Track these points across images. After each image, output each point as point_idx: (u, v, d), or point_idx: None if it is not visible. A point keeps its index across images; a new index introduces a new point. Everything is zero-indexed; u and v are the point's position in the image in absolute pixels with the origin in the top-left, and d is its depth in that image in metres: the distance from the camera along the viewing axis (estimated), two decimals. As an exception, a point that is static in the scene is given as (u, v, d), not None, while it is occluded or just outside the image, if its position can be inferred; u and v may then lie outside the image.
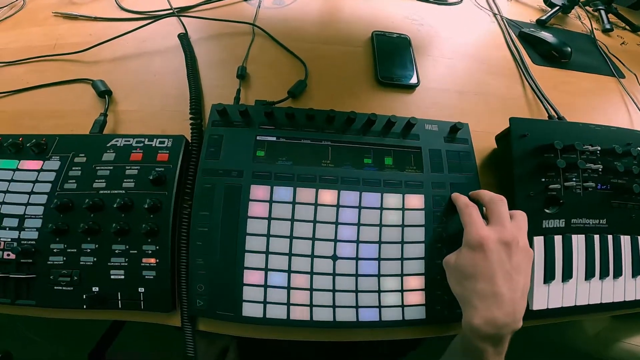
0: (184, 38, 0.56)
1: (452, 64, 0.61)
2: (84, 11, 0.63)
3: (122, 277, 0.37)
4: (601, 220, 0.45)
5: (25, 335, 0.84)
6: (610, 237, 0.45)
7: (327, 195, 0.40)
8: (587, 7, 0.83)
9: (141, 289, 0.37)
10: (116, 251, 0.37)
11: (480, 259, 0.33)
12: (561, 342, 0.75)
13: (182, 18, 0.60)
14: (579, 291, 0.43)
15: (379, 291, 0.39)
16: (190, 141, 0.44)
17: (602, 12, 0.80)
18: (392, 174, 0.42)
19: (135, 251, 0.37)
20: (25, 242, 0.37)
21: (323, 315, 0.37)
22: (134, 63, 0.55)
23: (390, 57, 0.57)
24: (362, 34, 0.62)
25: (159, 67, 0.54)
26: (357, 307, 0.38)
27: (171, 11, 0.61)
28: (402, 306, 0.38)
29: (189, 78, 0.50)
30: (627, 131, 0.49)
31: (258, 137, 0.43)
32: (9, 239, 0.37)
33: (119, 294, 0.37)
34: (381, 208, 0.41)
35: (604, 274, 0.44)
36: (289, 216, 0.39)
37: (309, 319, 0.37)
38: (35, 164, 0.40)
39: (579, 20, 0.79)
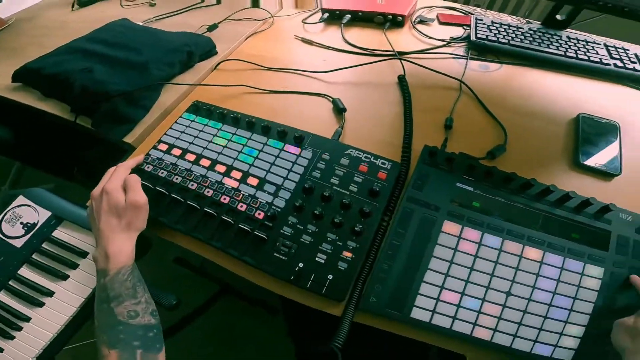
0: (403, 80, 0.66)
1: None
2: (316, 39, 0.80)
3: (323, 261, 0.44)
4: None
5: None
6: None
7: (513, 247, 0.46)
8: None
9: (330, 276, 0.43)
10: (329, 239, 0.45)
11: None
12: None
13: (403, 62, 0.71)
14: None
15: (540, 329, 0.42)
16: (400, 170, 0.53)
17: None
18: (576, 245, 0.46)
19: (341, 244, 0.45)
20: (275, 208, 0.48)
21: (482, 334, 0.42)
22: (361, 92, 0.67)
23: (595, 140, 0.58)
24: (565, 114, 0.63)
25: (380, 99, 0.65)
26: (514, 335, 0.42)
27: (393, 53, 0.73)
28: (556, 346, 0.42)
29: (405, 115, 0.60)
30: None
31: (458, 184, 0.50)
32: (264, 201, 0.48)
33: (312, 275, 0.43)
34: (561, 268, 0.44)
35: None
36: (473, 252, 0.45)
37: (468, 333, 0.42)
38: (295, 150, 0.53)
39: None
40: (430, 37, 0.79)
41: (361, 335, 0.44)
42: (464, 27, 0.83)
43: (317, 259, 0.44)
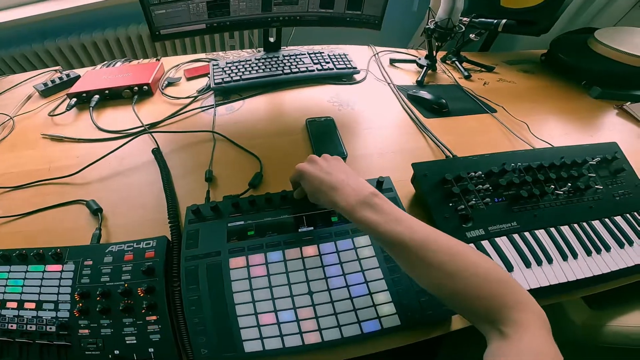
0: (157, 152, 0.65)
1: (369, 132, 0.73)
2: (68, 132, 0.71)
3: (135, 341, 0.44)
4: (512, 223, 0.55)
5: None
6: (527, 234, 0.54)
7: (293, 253, 0.49)
8: (446, 62, 0.99)
9: (151, 349, 0.44)
10: (126, 323, 0.45)
11: (308, 180, 0.46)
12: (556, 337, 0.81)
13: (153, 134, 0.69)
14: (527, 277, 0.50)
15: (355, 309, 0.45)
16: (171, 239, 0.52)
17: (457, 63, 0.97)
18: (339, 227, 0.52)
19: (141, 322, 0.45)
20: (61, 319, 0.46)
21: (312, 338, 0.43)
22: (117, 180, 0.62)
23: (322, 137, 0.68)
24: (299, 122, 0.73)
25: (139, 181, 0.62)
26: (339, 326, 0.44)
27: (143, 128, 0.71)
28: (379, 317, 0.45)
29: (165, 189, 0.59)
30: (498, 154, 0.63)
31: (229, 225, 0.52)
32: (50, 317, 0.47)
33: (134, 354, 0.44)
34: (337, 252, 0.50)
35: (538, 262, 0.51)
36: (264, 273, 0.48)
37: (301, 343, 0.43)
38: (57, 267, 0.50)
39: (446, 74, 0.95)
40: (178, 98, 0.81)
41: None
42: (208, 76, 0.86)
43: (127, 342, 0.44)
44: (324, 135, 0.69)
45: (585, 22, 1.16)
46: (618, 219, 0.58)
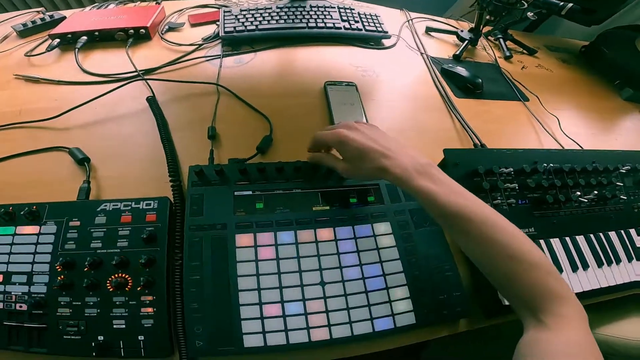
0: (152, 102, 0.57)
1: (393, 105, 0.67)
2: (45, 74, 0.62)
3: (123, 326, 0.38)
4: (530, 229, 0.51)
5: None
6: (542, 241, 0.51)
7: (306, 235, 0.44)
8: (489, 38, 0.92)
9: (141, 337, 0.38)
10: (117, 303, 0.39)
11: (352, 146, 0.40)
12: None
13: (148, 81, 0.60)
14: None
15: (369, 305, 0.41)
16: (173, 201, 0.45)
17: (501, 40, 0.89)
18: (358, 210, 0.47)
19: (134, 302, 0.39)
20: (36, 295, 0.39)
21: (320, 335, 0.39)
22: (106, 128, 0.55)
23: (342, 104, 0.62)
24: (316, 84, 0.66)
25: (132, 131, 0.54)
26: (350, 322, 0.40)
27: (137, 74, 0.62)
28: (393, 315, 0.41)
29: (163, 142, 0.51)
30: (532, 151, 0.58)
31: (236, 193, 0.46)
32: (20, 293, 0.39)
33: (121, 342, 0.38)
34: (355, 238, 0.45)
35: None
36: (273, 256, 0.42)
37: (307, 340, 0.39)
38: (33, 229, 0.42)
39: (485, 51, 0.88)
40: (180, 44, 0.71)
41: None
42: (217, 23, 0.77)
43: (115, 326, 0.38)
44: (343, 102, 0.62)
45: (634, 19, 1.08)
46: (632, 231, 0.57)
